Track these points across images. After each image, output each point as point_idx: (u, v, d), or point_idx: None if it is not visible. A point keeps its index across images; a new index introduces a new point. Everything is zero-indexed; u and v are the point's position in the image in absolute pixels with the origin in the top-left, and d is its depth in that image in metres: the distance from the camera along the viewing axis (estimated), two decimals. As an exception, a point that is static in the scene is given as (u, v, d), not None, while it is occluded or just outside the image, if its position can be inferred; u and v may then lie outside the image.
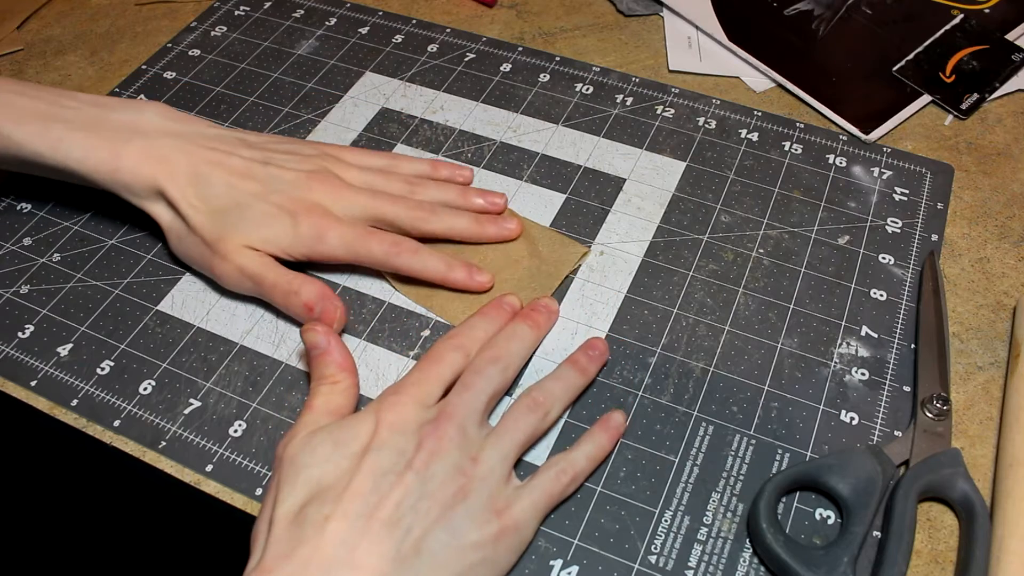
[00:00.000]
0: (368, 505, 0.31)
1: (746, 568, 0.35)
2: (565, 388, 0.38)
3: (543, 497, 0.35)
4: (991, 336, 0.42)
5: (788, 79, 0.54)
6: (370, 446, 0.33)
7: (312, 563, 0.30)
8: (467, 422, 0.35)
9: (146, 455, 0.39)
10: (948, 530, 0.36)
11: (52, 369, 0.42)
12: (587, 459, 0.37)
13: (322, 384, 0.37)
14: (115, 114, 0.43)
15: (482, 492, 0.33)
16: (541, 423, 0.37)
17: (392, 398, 0.35)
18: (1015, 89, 0.53)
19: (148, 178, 0.42)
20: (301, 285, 0.41)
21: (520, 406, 0.37)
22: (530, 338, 0.40)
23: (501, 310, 0.41)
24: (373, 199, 0.44)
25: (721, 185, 0.49)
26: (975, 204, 0.48)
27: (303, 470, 0.33)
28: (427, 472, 0.33)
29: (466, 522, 0.32)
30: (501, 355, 0.38)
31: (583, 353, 0.40)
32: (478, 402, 0.36)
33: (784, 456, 0.38)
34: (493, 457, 0.34)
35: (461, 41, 0.58)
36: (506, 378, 0.37)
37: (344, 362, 0.38)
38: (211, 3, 0.62)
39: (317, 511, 0.31)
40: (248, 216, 0.42)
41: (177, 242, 0.43)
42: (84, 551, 0.37)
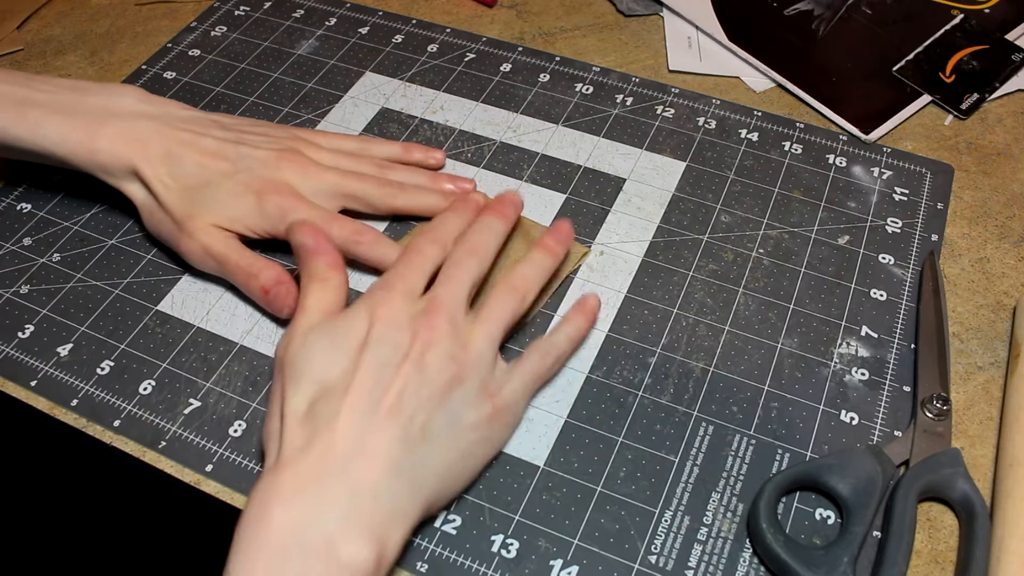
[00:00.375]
0: (373, 398, 0.33)
1: (746, 568, 0.35)
2: (538, 271, 0.40)
3: (531, 377, 0.38)
4: (991, 336, 0.42)
5: (788, 79, 0.54)
6: (367, 341, 0.34)
7: (328, 455, 0.31)
8: (455, 311, 0.36)
9: (146, 455, 0.39)
10: (948, 530, 0.36)
11: (52, 369, 0.42)
12: (568, 340, 0.39)
13: (312, 282, 0.38)
14: (91, 97, 0.44)
15: (475, 377, 0.35)
16: (520, 305, 0.38)
17: (381, 293, 0.36)
18: (1015, 89, 0.53)
19: (124, 158, 0.43)
20: (261, 269, 0.42)
21: (499, 291, 0.38)
22: (501, 229, 0.41)
23: (468, 204, 0.43)
24: (342, 177, 0.45)
25: (721, 185, 0.49)
26: (975, 204, 0.48)
27: (306, 371, 0.34)
28: (423, 362, 0.34)
29: (463, 405, 0.35)
30: (477, 247, 0.39)
31: (551, 236, 0.41)
32: (461, 292, 0.37)
33: (784, 456, 0.38)
34: (482, 342, 0.36)
35: (461, 41, 0.58)
36: (483, 268, 0.39)
37: (333, 260, 0.39)
38: (211, 3, 0.62)
39: (326, 407, 0.33)
40: (216, 195, 0.43)
41: (148, 218, 0.44)
42: (84, 551, 0.37)
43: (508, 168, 0.50)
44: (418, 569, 0.35)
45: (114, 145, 0.43)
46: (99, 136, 0.43)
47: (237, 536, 0.30)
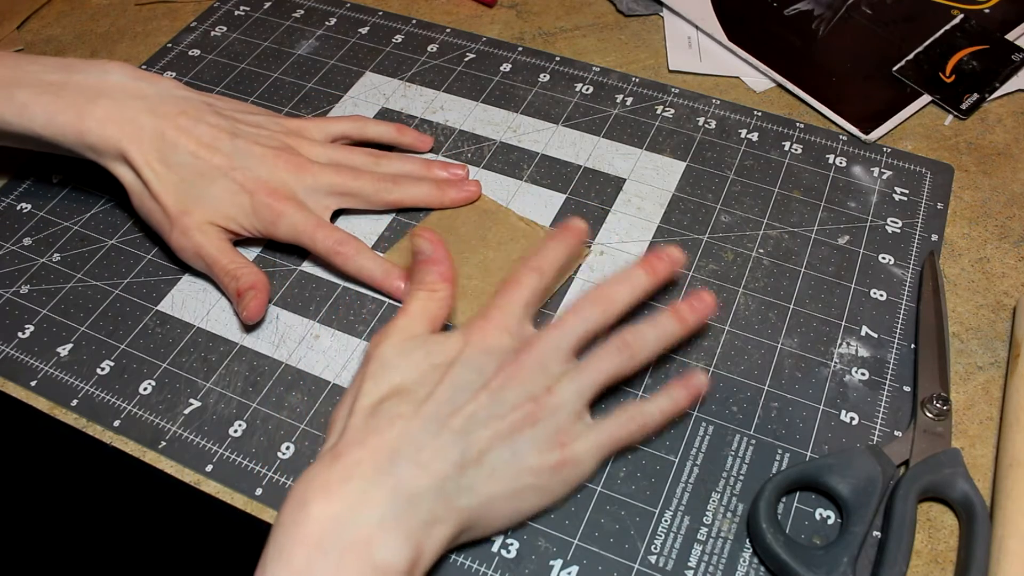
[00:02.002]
0: (441, 412, 0.33)
1: (746, 568, 0.35)
2: (659, 335, 0.37)
3: (608, 439, 0.36)
4: (991, 336, 0.42)
5: (788, 79, 0.54)
6: (456, 360, 0.35)
7: (380, 452, 0.32)
8: (549, 358, 0.35)
9: (146, 455, 0.39)
10: (948, 530, 0.36)
11: (52, 369, 0.42)
12: (660, 412, 0.37)
13: (421, 289, 0.38)
14: (79, 75, 0.43)
15: (550, 422, 0.34)
16: (626, 364, 0.36)
17: (479, 323, 0.36)
18: (1015, 89, 0.53)
19: (113, 140, 0.42)
20: (243, 273, 0.42)
21: (608, 346, 0.37)
22: (643, 286, 0.38)
23: (569, 232, 0.40)
24: (337, 174, 0.45)
25: (721, 185, 0.49)
26: (975, 204, 0.48)
27: (391, 370, 0.35)
28: (500, 394, 0.34)
29: (529, 446, 0.34)
30: (605, 296, 0.37)
31: (687, 303, 0.38)
32: (565, 341, 0.36)
33: (784, 456, 0.38)
34: (568, 391, 0.35)
35: (461, 41, 0.58)
36: (605, 321, 0.37)
37: (446, 272, 0.38)
38: (211, 3, 0.62)
39: (394, 407, 0.33)
40: (211, 191, 0.43)
41: (139, 203, 0.44)
42: (84, 551, 0.37)
43: (508, 168, 0.50)
44: (418, 569, 0.35)
45: (103, 126, 0.42)
46: (87, 117, 0.42)
47: (278, 522, 0.31)
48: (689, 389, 0.37)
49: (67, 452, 0.40)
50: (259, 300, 0.42)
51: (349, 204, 0.46)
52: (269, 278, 0.45)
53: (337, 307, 0.44)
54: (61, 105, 0.42)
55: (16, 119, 0.42)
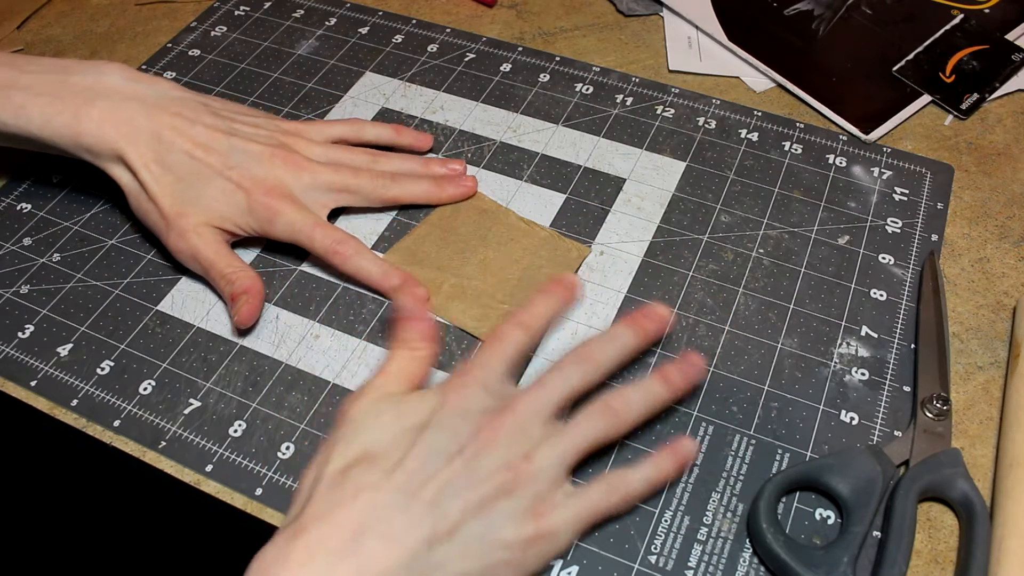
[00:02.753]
0: (413, 482, 0.31)
1: (746, 568, 0.35)
2: (646, 401, 0.36)
3: (587, 511, 0.34)
4: (991, 336, 0.42)
5: (788, 79, 0.54)
6: (429, 423, 0.33)
7: (345, 528, 0.30)
8: (530, 420, 0.34)
9: (146, 455, 0.39)
10: (948, 530, 0.36)
11: (52, 369, 0.42)
12: (645, 482, 0.35)
13: (401, 348, 0.37)
14: (76, 76, 0.43)
15: (527, 491, 0.32)
16: (611, 431, 0.35)
17: (457, 380, 0.35)
18: (1015, 89, 0.53)
19: (110, 141, 0.42)
20: (238, 278, 0.42)
21: (592, 410, 0.35)
22: (630, 345, 0.37)
23: (560, 287, 0.39)
24: (336, 172, 0.45)
25: (721, 185, 0.49)
26: (975, 204, 0.48)
27: (360, 433, 0.33)
28: (476, 462, 0.32)
29: (504, 519, 0.32)
30: (591, 356, 0.36)
31: (677, 366, 0.37)
32: (548, 401, 0.34)
33: (784, 456, 0.38)
34: (548, 458, 0.33)
35: (461, 41, 0.58)
36: (589, 382, 0.36)
37: (428, 331, 0.38)
38: (211, 3, 0.62)
39: (362, 476, 0.31)
40: (206, 191, 0.42)
41: (136, 204, 0.44)
42: (84, 551, 0.37)
43: (508, 168, 0.50)
44: (418, 569, 0.35)
45: (101, 127, 0.42)
46: (84, 118, 0.42)
47: None
48: (677, 458, 0.36)
49: (67, 452, 0.40)
50: (251, 305, 0.41)
51: (347, 202, 0.46)
52: (269, 278, 0.45)
53: (337, 307, 0.44)
54: (58, 107, 0.42)
55: (13, 120, 0.42)
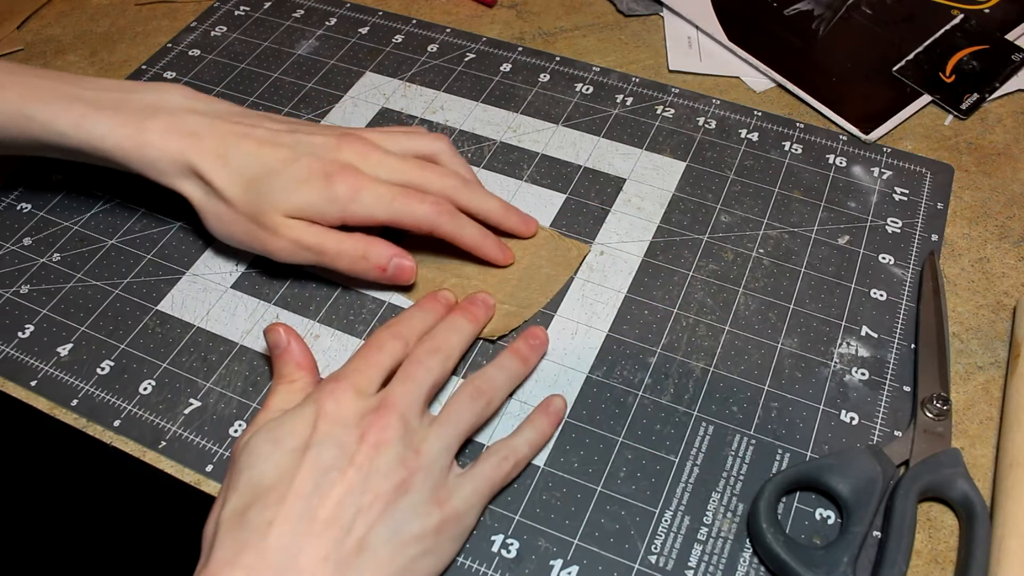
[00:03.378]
0: (310, 506, 0.31)
1: (746, 568, 0.35)
2: (507, 377, 0.38)
3: (485, 484, 0.35)
4: (991, 336, 0.42)
5: (788, 79, 0.54)
6: (311, 441, 0.33)
7: (256, 570, 0.30)
8: (409, 413, 0.34)
9: (146, 455, 0.39)
10: (948, 530, 0.36)
11: (52, 369, 0.42)
12: (528, 445, 0.37)
13: (280, 383, 0.37)
14: (137, 95, 0.43)
15: (425, 484, 0.33)
16: (484, 411, 0.37)
17: (331, 385, 0.35)
18: (1015, 89, 0.53)
19: (176, 153, 0.41)
20: (367, 248, 0.41)
21: (463, 395, 0.36)
22: (468, 330, 0.40)
23: (437, 302, 0.41)
24: (403, 162, 0.43)
25: (721, 185, 0.49)
26: (975, 204, 0.48)
27: (245, 471, 0.33)
28: (370, 467, 0.32)
29: (408, 515, 0.32)
30: (441, 346, 0.38)
31: (524, 342, 0.40)
32: (420, 392, 0.35)
33: (784, 456, 0.38)
34: (436, 447, 0.34)
35: (461, 41, 0.58)
36: (446, 369, 0.37)
37: (303, 361, 0.38)
38: (211, 3, 0.62)
39: (259, 515, 0.31)
40: (280, 183, 0.40)
41: (216, 222, 0.42)
42: (84, 551, 0.37)
43: (508, 168, 0.50)
44: (418, 569, 0.35)
45: (165, 139, 0.41)
46: (147, 130, 0.41)
47: None
48: (550, 416, 0.38)
49: (67, 452, 0.40)
50: (411, 264, 0.41)
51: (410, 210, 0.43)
52: (269, 278, 0.45)
53: (337, 307, 0.44)
54: (120, 119, 0.41)
55: (73, 131, 0.41)
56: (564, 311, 0.43)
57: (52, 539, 0.37)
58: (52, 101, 0.41)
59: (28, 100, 0.41)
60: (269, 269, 0.45)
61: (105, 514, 0.38)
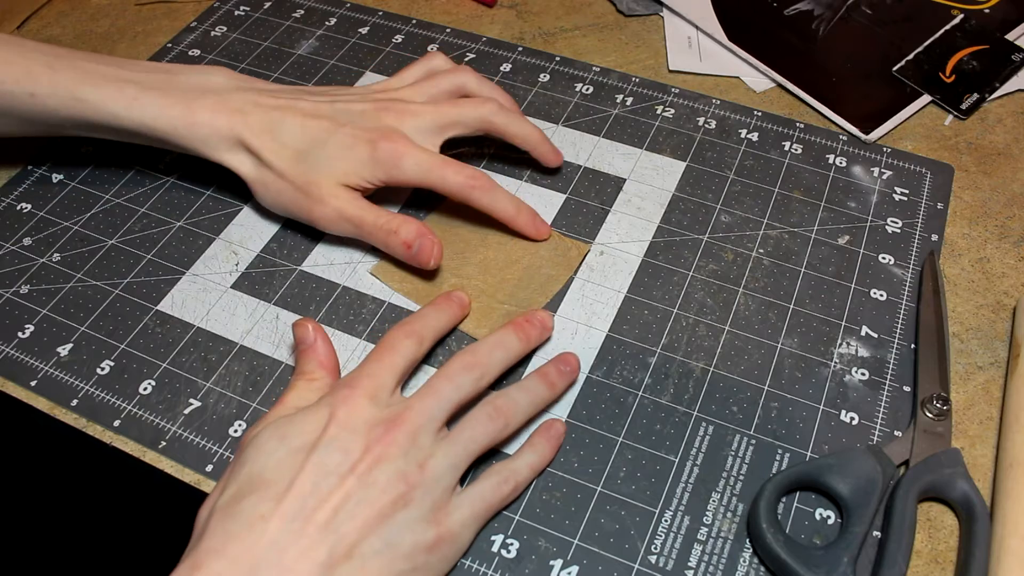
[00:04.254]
0: (306, 507, 0.31)
1: (746, 568, 0.35)
2: (531, 401, 0.37)
3: (483, 507, 0.35)
4: (991, 336, 0.42)
5: (788, 79, 0.54)
6: (317, 443, 0.33)
7: (241, 561, 0.30)
8: (421, 430, 0.34)
9: (146, 455, 0.39)
10: (948, 530, 0.36)
11: (52, 369, 0.42)
12: (529, 468, 0.36)
13: (299, 379, 0.37)
14: (183, 76, 0.45)
15: (424, 501, 0.33)
16: (500, 434, 0.36)
17: (344, 391, 0.34)
18: (1015, 89, 0.53)
19: (225, 129, 0.43)
20: (400, 225, 0.42)
21: (480, 414, 0.35)
22: (516, 350, 0.39)
23: (451, 302, 0.41)
24: (438, 108, 0.45)
25: (721, 185, 0.49)
26: (975, 204, 0.48)
27: (247, 463, 0.33)
28: (369, 477, 0.32)
29: (403, 530, 0.32)
30: (480, 363, 0.37)
31: (555, 367, 0.39)
32: (439, 410, 0.35)
33: (784, 456, 0.38)
34: (442, 466, 0.33)
35: (461, 41, 0.58)
36: (479, 388, 0.36)
37: (326, 361, 0.38)
38: (211, 3, 0.62)
39: (253, 508, 0.31)
40: (327, 152, 0.42)
41: (264, 191, 0.44)
42: (84, 551, 0.37)
43: (508, 168, 0.50)
44: (418, 569, 0.35)
45: (214, 116, 0.43)
46: (197, 109, 0.43)
47: None
48: (551, 440, 0.37)
49: (67, 452, 0.40)
50: (436, 243, 0.42)
51: (456, 132, 0.45)
52: (269, 278, 0.45)
53: (337, 307, 0.44)
54: (170, 99, 0.43)
55: (126, 112, 0.43)
56: (564, 311, 0.43)
57: (52, 539, 0.37)
58: (104, 84, 0.43)
59: (81, 84, 0.43)
60: (268, 269, 0.45)
61: (105, 514, 0.38)
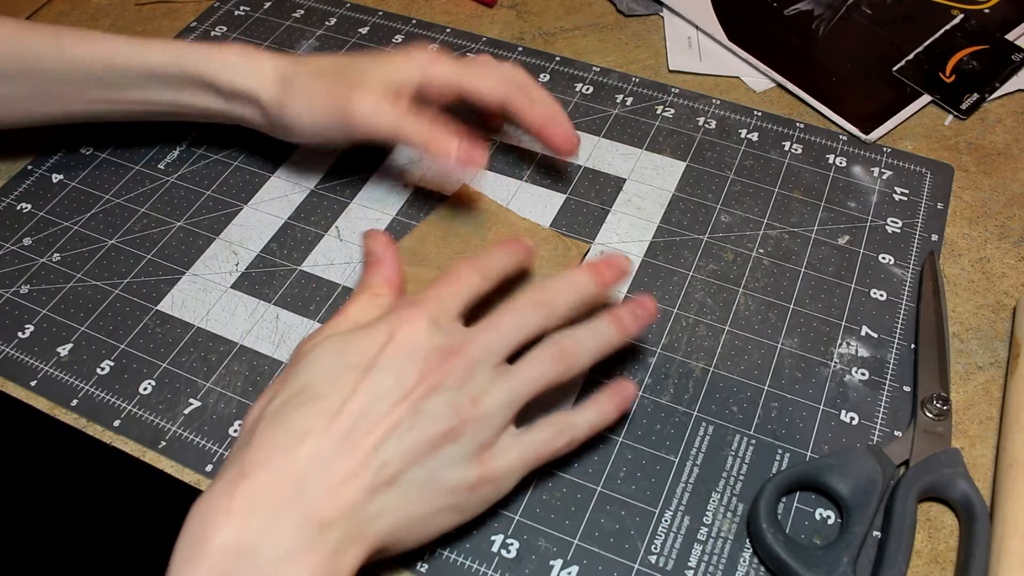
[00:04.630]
0: (356, 429, 0.31)
1: (746, 568, 0.35)
2: (598, 345, 0.35)
3: (532, 455, 0.34)
4: (991, 336, 0.42)
5: (788, 79, 0.54)
6: (373, 364, 0.32)
7: (287, 476, 0.30)
8: (479, 364, 0.33)
9: (146, 455, 0.39)
10: (948, 530, 0.36)
11: (52, 369, 0.42)
12: (589, 426, 0.35)
13: (363, 292, 0.37)
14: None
15: (474, 436, 0.32)
16: (562, 376, 0.34)
17: (408, 310, 0.34)
18: (1015, 89, 0.53)
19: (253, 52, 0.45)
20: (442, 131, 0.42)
21: (543, 353, 0.34)
22: (588, 291, 0.36)
23: (519, 245, 0.39)
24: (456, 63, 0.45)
25: (721, 185, 0.49)
26: (975, 204, 0.48)
27: (303, 373, 0.33)
28: (421, 406, 0.31)
29: (448, 465, 0.32)
30: (550, 300, 0.35)
31: (628, 310, 0.36)
32: (501, 345, 0.33)
33: (784, 456, 0.38)
34: (496, 402, 0.32)
35: (461, 41, 0.58)
36: (546, 326, 0.34)
37: (393, 277, 0.38)
38: (211, 3, 0.62)
39: (303, 421, 0.31)
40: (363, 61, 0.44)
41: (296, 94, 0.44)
42: (84, 551, 0.37)
43: (508, 168, 0.50)
44: (418, 569, 0.35)
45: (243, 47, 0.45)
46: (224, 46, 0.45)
47: (178, 548, 0.29)
48: (617, 401, 0.36)
49: (67, 452, 0.40)
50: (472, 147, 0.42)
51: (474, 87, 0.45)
52: (268, 278, 0.45)
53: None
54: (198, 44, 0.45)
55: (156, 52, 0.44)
56: (564, 311, 0.43)
57: (52, 539, 0.37)
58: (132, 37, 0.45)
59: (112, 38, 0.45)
60: (268, 269, 0.45)
61: (105, 514, 0.38)
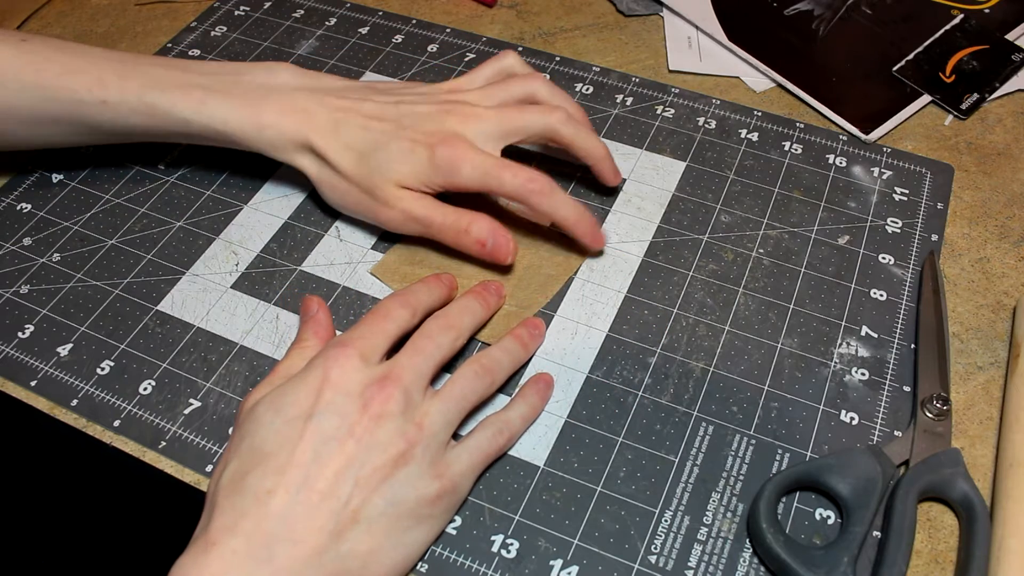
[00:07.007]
0: (309, 476, 0.32)
1: (746, 568, 0.35)
2: (511, 360, 0.39)
3: (480, 457, 0.36)
4: (991, 336, 0.42)
5: (788, 79, 0.54)
6: (313, 410, 0.33)
7: (254, 538, 0.30)
8: (413, 387, 0.35)
9: (146, 455, 0.39)
10: (948, 530, 0.36)
11: (52, 369, 0.42)
12: (521, 419, 0.38)
13: (293, 348, 0.38)
14: (248, 76, 0.45)
15: (424, 456, 0.34)
16: (487, 390, 0.37)
17: (336, 350, 0.35)
18: (1015, 89, 0.53)
19: (292, 131, 0.43)
20: (471, 223, 0.42)
21: (467, 371, 0.37)
22: (480, 315, 0.40)
23: (441, 282, 0.42)
24: (502, 113, 0.43)
25: (721, 185, 0.49)
26: (975, 204, 0.48)
27: (247, 437, 0.33)
28: (370, 439, 0.33)
29: (405, 487, 0.33)
30: (454, 324, 0.38)
31: (526, 329, 0.41)
32: (427, 366, 0.36)
33: (784, 456, 0.38)
34: (438, 422, 0.35)
35: (461, 41, 0.58)
36: (454, 348, 0.38)
37: (322, 331, 0.39)
38: (211, 3, 0.62)
39: (259, 482, 0.32)
40: (387, 156, 0.42)
41: (331, 191, 0.45)
42: (84, 551, 0.37)
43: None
44: (418, 569, 0.35)
45: (280, 118, 0.43)
46: (264, 111, 0.43)
47: None
48: (540, 392, 0.39)
49: (67, 452, 0.40)
50: (510, 240, 0.42)
51: (520, 139, 0.44)
52: (268, 278, 0.45)
53: (337, 307, 0.44)
54: (236, 102, 0.43)
55: (195, 116, 0.43)
56: (564, 311, 0.43)
57: (52, 539, 0.37)
58: (171, 89, 0.43)
59: (150, 89, 0.43)
60: (268, 269, 0.45)
61: (105, 514, 0.38)
